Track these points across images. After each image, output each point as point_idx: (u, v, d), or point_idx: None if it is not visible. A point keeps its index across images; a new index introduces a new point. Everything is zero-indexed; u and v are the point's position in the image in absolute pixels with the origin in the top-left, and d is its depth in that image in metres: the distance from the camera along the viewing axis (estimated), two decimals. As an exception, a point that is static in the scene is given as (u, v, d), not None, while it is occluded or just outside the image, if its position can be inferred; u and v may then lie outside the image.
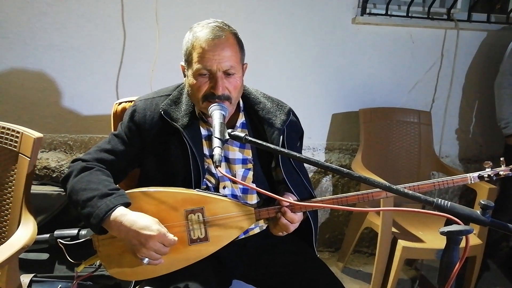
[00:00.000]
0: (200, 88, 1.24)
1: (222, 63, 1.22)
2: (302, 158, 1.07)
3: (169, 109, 1.33)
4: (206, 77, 1.24)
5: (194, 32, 1.26)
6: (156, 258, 1.15)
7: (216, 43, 1.22)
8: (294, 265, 1.34)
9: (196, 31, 1.25)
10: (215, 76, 1.22)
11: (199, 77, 1.24)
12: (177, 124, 1.30)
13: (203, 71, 1.23)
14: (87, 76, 2.23)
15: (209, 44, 1.22)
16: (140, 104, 1.36)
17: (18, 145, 1.44)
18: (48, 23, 2.13)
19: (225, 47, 1.23)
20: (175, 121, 1.31)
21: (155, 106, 1.34)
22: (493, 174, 1.22)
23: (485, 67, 2.59)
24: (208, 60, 1.22)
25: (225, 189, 1.34)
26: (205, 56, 1.22)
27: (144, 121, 1.33)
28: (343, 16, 2.40)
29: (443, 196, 2.77)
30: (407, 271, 2.57)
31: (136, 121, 1.33)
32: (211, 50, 1.21)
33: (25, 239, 1.32)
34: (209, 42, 1.22)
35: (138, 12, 2.19)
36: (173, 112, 1.32)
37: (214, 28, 1.24)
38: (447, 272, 0.88)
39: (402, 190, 0.95)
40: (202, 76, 1.23)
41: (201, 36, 1.23)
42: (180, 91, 1.39)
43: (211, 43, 1.22)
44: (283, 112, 1.39)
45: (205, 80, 1.24)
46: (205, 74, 1.23)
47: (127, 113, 1.37)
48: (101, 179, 1.23)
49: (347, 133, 2.59)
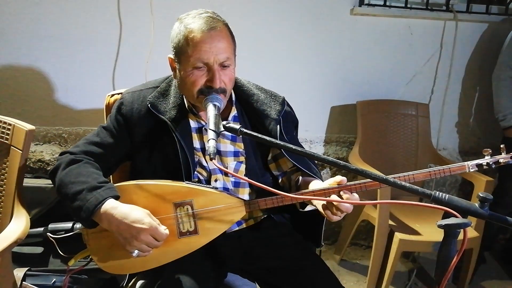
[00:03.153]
0: (196, 82, 1.21)
1: (218, 55, 1.19)
2: (298, 151, 1.05)
3: (156, 101, 1.30)
4: (202, 70, 1.20)
5: (185, 24, 1.21)
6: (147, 250, 1.14)
7: (212, 35, 1.18)
8: (289, 258, 1.33)
9: (187, 23, 1.21)
10: (212, 68, 1.20)
11: (194, 70, 1.20)
12: (165, 117, 1.27)
13: (199, 64, 1.19)
14: (81, 68, 2.20)
15: (205, 35, 1.18)
16: (127, 97, 1.33)
17: (10, 137, 1.41)
18: (41, 13, 2.10)
19: (221, 38, 1.20)
20: (162, 114, 1.28)
21: (143, 98, 1.32)
22: (492, 162, 1.19)
23: (484, 59, 2.57)
24: (204, 53, 1.18)
25: (217, 182, 1.33)
26: (201, 48, 1.18)
27: (132, 114, 1.30)
28: (341, 7, 2.37)
29: (440, 188, 2.77)
30: (404, 264, 2.57)
31: (124, 114, 1.31)
32: (207, 42, 1.18)
33: (17, 232, 1.30)
34: (205, 34, 1.18)
35: (133, 2, 2.15)
36: (161, 104, 1.30)
37: (207, 19, 1.21)
38: (445, 265, 0.88)
39: (400, 183, 0.94)
40: (198, 69, 1.20)
41: (194, 27, 1.19)
42: (169, 83, 1.36)
43: (207, 34, 1.18)
44: (278, 102, 1.38)
45: (201, 74, 1.20)
46: (201, 67, 1.20)
47: (114, 106, 1.35)
48: (90, 171, 1.21)
49: (344, 125, 2.57)
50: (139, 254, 1.14)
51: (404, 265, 2.55)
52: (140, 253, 1.14)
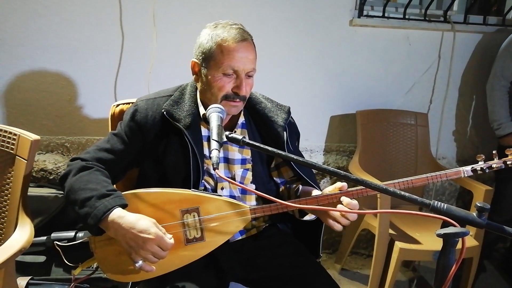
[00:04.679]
0: (223, 87, 1.27)
1: (247, 65, 1.27)
2: (299, 161, 1.07)
3: (171, 109, 1.33)
4: (231, 77, 1.27)
5: (217, 32, 1.28)
6: (153, 261, 1.16)
7: (245, 45, 1.27)
8: (291, 267, 1.34)
9: (220, 31, 1.27)
10: (240, 76, 1.27)
11: (223, 76, 1.27)
12: (180, 124, 1.31)
13: (229, 71, 1.26)
14: (84, 78, 2.23)
15: (239, 45, 1.26)
16: (142, 104, 1.36)
17: (15, 147, 1.43)
18: (45, 24, 2.13)
19: (251, 50, 1.29)
20: (177, 121, 1.31)
21: (157, 106, 1.35)
22: (486, 167, 1.24)
23: (481, 69, 2.60)
24: (236, 61, 1.25)
25: (223, 190, 1.35)
26: (234, 57, 1.25)
27: (146, 120, 1.33)
28: (340, 18, 2.41)
29: (440, 198, 2.78)
30: (404, 273, 2.57)
31: (138, 121, 1.33)
32: (240, 52, 1.26)
33: (22, 241, 1.31)
34: (239, 44, 1.26)
35: (136, 14, 2.19)
36: (175, 112, 1.33)
37: (239, 30, 1.28)
38: (444, 274, 0.89)
39: (399, 193, 0.95)
40: (227, 76, 1.26)
41: (228, 36, 1.26)
42: (182, 92, 1.40)
43: (240, 44, 1.26)
44: (284, 111, 1.44)
45: (229, 80, 1.27)
46: (230, 74, 1.26)
47: (127, 112, 1.37)
48: (100, 179, 1.23)
49: (344, 135, 2.59)
50: (143, 266, 1.15)
51: (404, 275, 2.55)
52: (144, 265, 1.16)
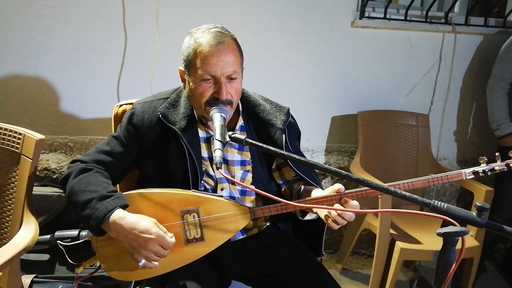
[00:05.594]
0: (204, 94, 1.26)
1: (225, 68, 1.24)
2: (301, 161, 1.08)
3: (167, 112, 1.34)
4: (210, 82, 1.25)
5: (195, 38, 1.27)
6: (155, 260, 1.17)
7: (219, 49, 1.24)
8: (292, 266, 1.35)
9: (197, 37, 1.27)
10: (219, 81, 1.24)
11: (202, 82, 1.25)
12: (175, 127, 1.31)
13: (207, 77, 1.24)
14: (87, 78, 2.24)
15: (213, 49, 1.23)
16: (139, 107, 1.38)
17: (20, 146, 1.45)
18: (49, 25, 2.15)
19: (228, 52, 1.25)
20: (172, 124, 1.32)
21: (153, 109, 1.36)
22: (488, 169, 1.23)
23: (482, 70, 2.61)
24: (212, 66, 1.23)
25: (223, 191, 1.36)
26: (209, 62, 1.23)
27: (143, 123, 1.34)
28: (342, 19, 2.42)
29: (441, 198, 2.78)
30: (405, 273, 2.58)
31: (135, 124, 1.35)
32: (215, 56, 1.23)
33: (27, 240, 1.33)
34: (213, 48, 1.23)
35: (139, 15, 2.20)
36: (171, 115, 1.34)
37: (216, 33, 1.26)
38: (444, 273, 0.90)
39: (400, 192, 0.96)
40: (206, 81, 1.25)
41: (203, 41, 1.25)
42: (178, 94, 1.41)
43: (214, 48, 1.23)
44: (283, 113, 1.43)
45: (209, 85, 1.25)
46: (208, 79, 1.25)
47: (125, 116, 1.39)
48: (100, 181, 1.24)
49: (345, 135, 2.60)
50: (146, 264, 1.17)
51: (405, 274, 2.56)
52: (147, 263, 1.17)
